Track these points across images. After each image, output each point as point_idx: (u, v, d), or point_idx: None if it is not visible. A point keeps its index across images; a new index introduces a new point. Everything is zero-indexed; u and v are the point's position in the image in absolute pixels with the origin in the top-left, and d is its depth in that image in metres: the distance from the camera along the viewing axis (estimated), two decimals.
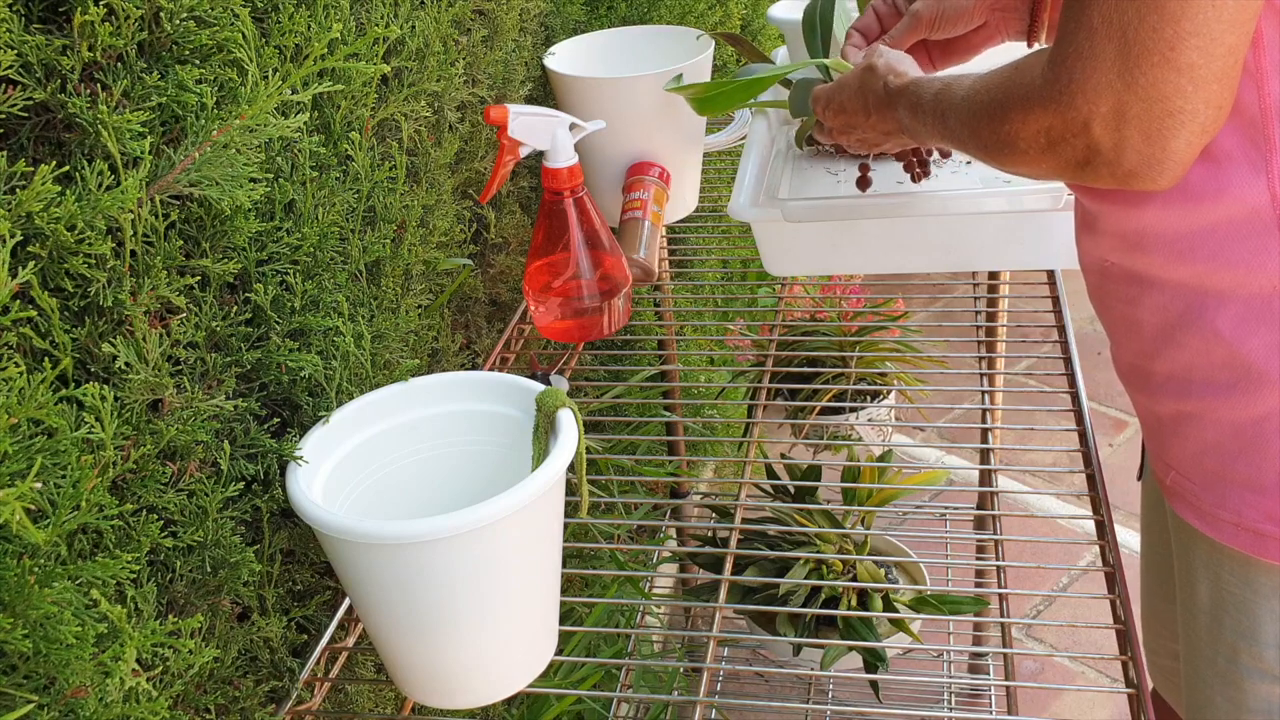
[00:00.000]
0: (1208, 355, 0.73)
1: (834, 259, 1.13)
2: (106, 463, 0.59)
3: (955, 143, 0.75)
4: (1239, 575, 0.77)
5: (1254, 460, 0.73)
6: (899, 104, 0.81)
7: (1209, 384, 0.73)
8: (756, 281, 1.92)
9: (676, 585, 1.93)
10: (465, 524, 0.66)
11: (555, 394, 0.77)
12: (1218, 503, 0.76)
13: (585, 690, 1.23)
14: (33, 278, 0.56)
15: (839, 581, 1.35)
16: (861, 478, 1.37)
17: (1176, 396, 0.76)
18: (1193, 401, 0.75)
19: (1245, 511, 0.74)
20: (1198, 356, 0.73)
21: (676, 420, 1.70)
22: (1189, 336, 0.73)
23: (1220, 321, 0.71)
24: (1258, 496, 0.73)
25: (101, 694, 0.57)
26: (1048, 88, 0.63)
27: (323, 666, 0.85)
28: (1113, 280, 0.79)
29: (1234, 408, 0.72)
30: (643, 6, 1.55)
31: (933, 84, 0.78)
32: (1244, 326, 0.70)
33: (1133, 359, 0.81)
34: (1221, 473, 0.75)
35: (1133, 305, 0.78)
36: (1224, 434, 0.74)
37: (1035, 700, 1.75)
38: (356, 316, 0.88)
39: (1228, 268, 0.69)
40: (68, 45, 0.59)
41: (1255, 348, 0.70)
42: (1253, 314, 0.69)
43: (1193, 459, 0.77)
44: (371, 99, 0.89)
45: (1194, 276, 0.71)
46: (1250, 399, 0.71)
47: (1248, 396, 0.71)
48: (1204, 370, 0.73)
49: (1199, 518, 0.78)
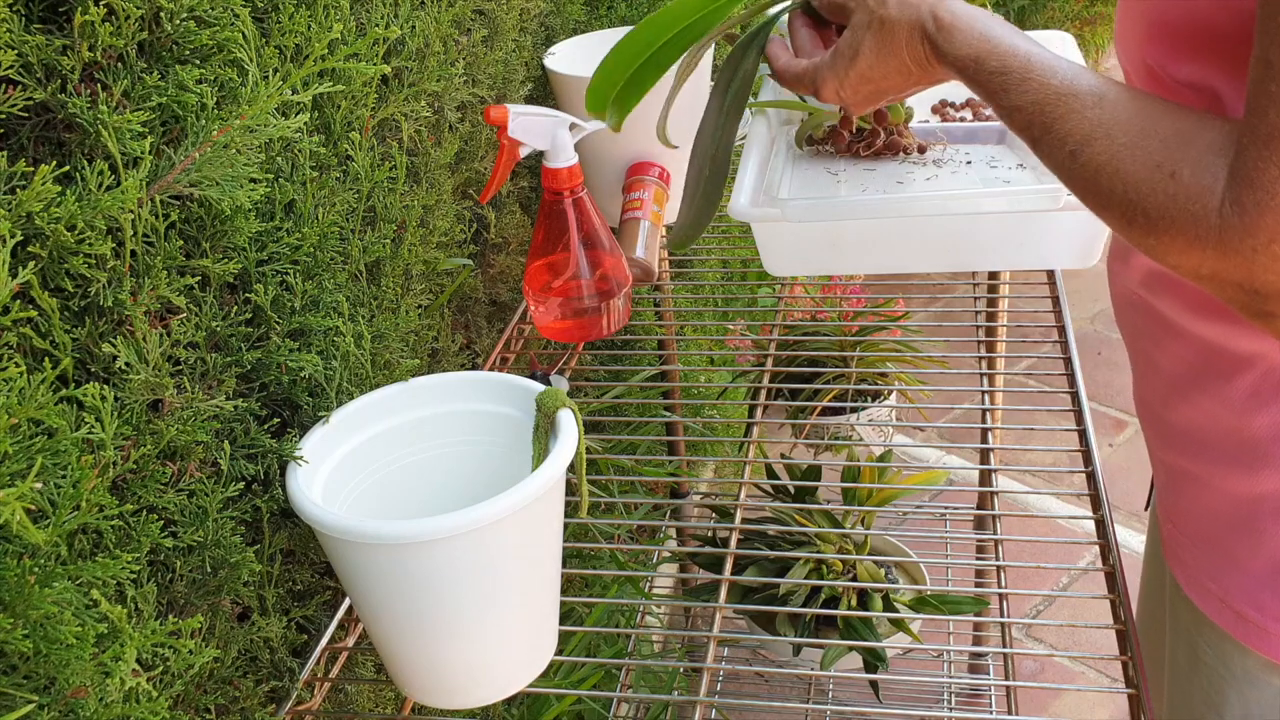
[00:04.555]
0: (1216, 420, 0.69)
1: (834, 259, 1.13)
2: (106, 463, 0.59)
3: (1050, 166, 0.60)
4: (1216, 649, 0.74)
5: (1246, 541, 0.69)
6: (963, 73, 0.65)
7: (1215, 450, 0.70)
8: (756, 281, 1.92)
9: (676, 585, 1.93)
10: (465, 524, 0.66)
11: (555, 394, 0.77)
12: (1208, 573, 0.73)
13: (585, 690, 1.23)
14: (33, 278, 0.56)
15: (839, 581, 1.35)
16: (861, 478, 1.37)
17: (1183, 453, 0.73)
18: (1198, 463, 0.72)
19: (1232, 590, 0.71)
20: (1208, 419, 0.69)
21: (676, 420, 1.70)
22: (1201, 396, 0.69)
23: (1233, 389, 0.67)
24: (1245, 579, 0.70)
25: (101, 694, 0.57)
26: (1228, 237, 0.51)
27: (323, 666, 0.85)
28: (1138, 313, 0.75)
29: (1235, 481, 0.69)
30: (643, 6, 1.55)
31: (1019, 59, 0.61)
32: (1256, 400, 0.66)
33: (1149, 399, 0.77)
34: (1216, 543, 0.72)
35: (1155, 345, 0.74)
36: (1223, 504, 0.70)
37: (1035, 700, 1.75)
38: (356, 316, 0.88)
39: (1250, 333, 0.65)
40: (68, 45, 0.59)
41: (1263, 425, 0.66)
42: (1268, 388, 0.65)
43: (1191, 520, 0.74)
44: (371, 99, 0.89)
45: (1216, 334, 0.67)
46: (1251, 477, 0.67)
47: (1249, 473, 0.67)
48: (1212, 434, 0.69)
49: (1188, 582, 0.75)
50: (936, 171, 1.14)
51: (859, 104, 0.75)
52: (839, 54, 0.73)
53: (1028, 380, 2.53)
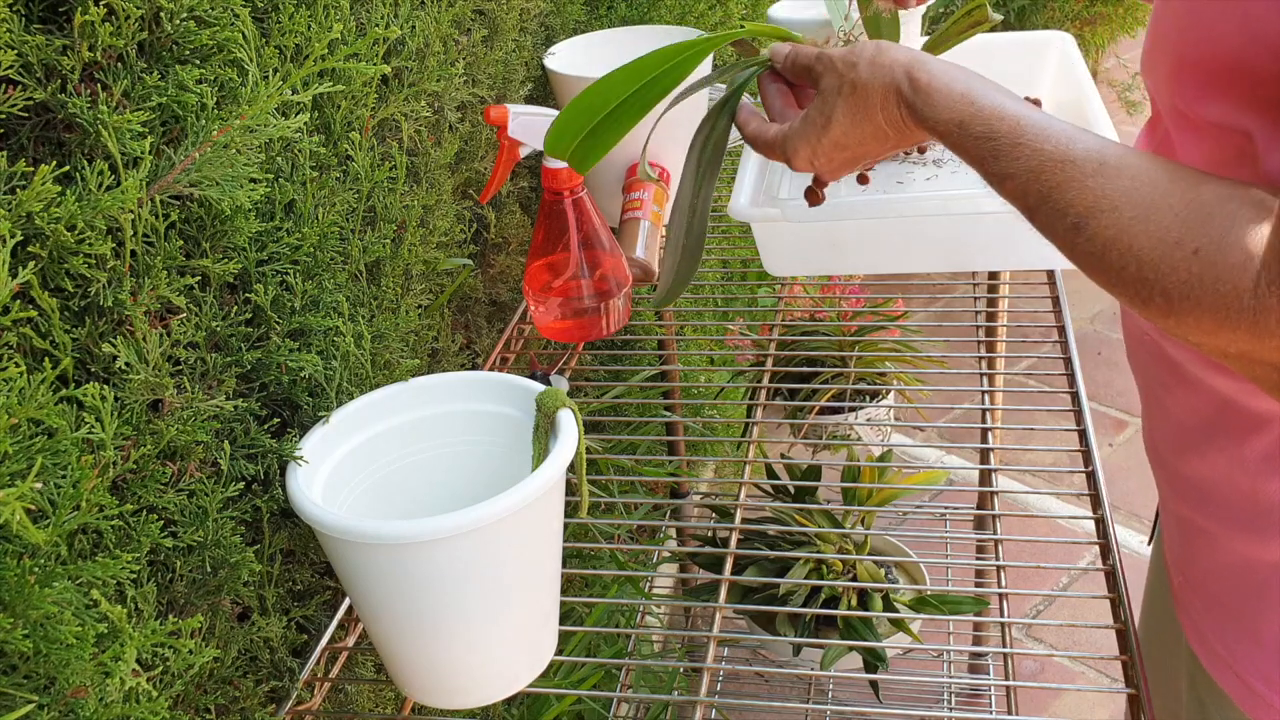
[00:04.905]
0: (1229, 480, 0.64)
1: (834, 259, 1.13)
2: (106, 463, 0.59)
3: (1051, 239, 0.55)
4: (1221, 711, 0.70)
5: (1259, 609, 0.64)
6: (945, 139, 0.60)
7: (1227, 509, 0.65)
8: (756, 281, 1.91)
9: (676, 585, 1.93)
10: (465, 524, 0.66)
11: (555, 394, 0.77)
12: (1216, 635, 0.68)
13: (585, 690, 1.23)
14: (33, 278, 0.56)
15: (839, 581, 1.35)
16: (861, 478, 1.37)
17: (1194, 507, 0.69)
18: (1210, 520, 0.67)
19: (1241, 658, 0.66)
20: (1220, 476, 0.64)
21: (676, 420, 1.70)
22: (1214, 451, 0.64)
23: (1248, 449, 0.61)
24: (1256, 650, 0.65)
25: (101, 694, 0.57)
26: (1264, 320, 0.46)
27: (323, 666, 0.85)
28: (1150, 356, 0.70)
29: (1248, 544, 0.64)
30: (643, 6, 1.55)
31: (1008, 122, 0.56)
32: (1271, 464, 0.61)
33: (1159, 444, 0.73)
34: (1226, 606, 0.67)
35: (1166, 392, 0.69)
36: (1235, 566, 0.65)
37: (1035, 700, 1.75)
38: (356, 316, 0.88)
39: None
40: (68, 45, 0.59)
41: (1276, 491, 0.61)
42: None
43: (1200, 574, 0.69)
44: (371, 99, 0.88)
45: (1231, 388, 0.62)
46: (1265, 543, 0.62)
47: (1263, 540, 0.63)
48: (1224, 493, 0.65)
49: (1198, 641, 0.71)
50: (936, 171, 1.14)
51: (834, 171, 0.71)
52: (810, 122, 0.67)
53: (1028, 380, 2.52)
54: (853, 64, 0.64)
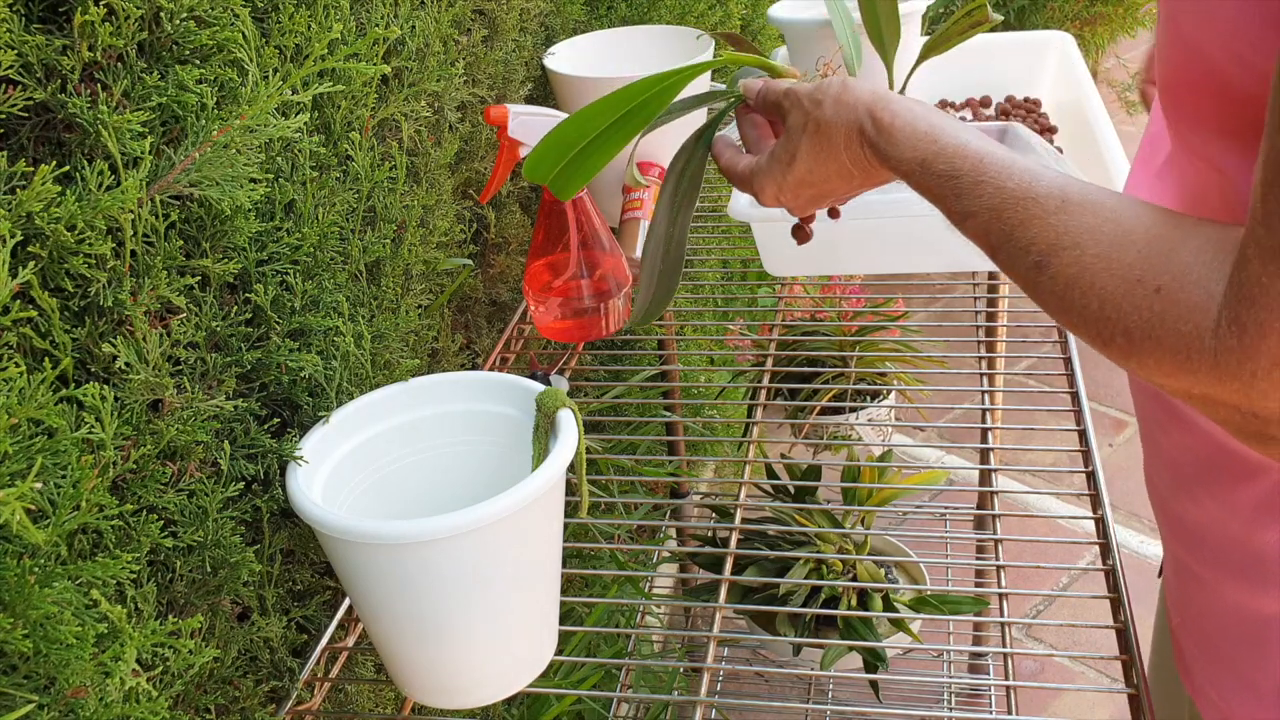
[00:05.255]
0: (1223, 526, 0.62)
1: (834, 259, 1.13)
2: (106, 463, 0.59)
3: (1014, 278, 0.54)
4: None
5: (1256, 659, 0.62)
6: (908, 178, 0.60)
7: (1221, 556, 0.63)
8: (756, 281, 1.92)
9: (676, 585, 1.93)
10: (465, 524, 0.66)
11: (555, 394, 0.77)
12: (1211, 682, 0.67)
13: (585, 690, 1.23)
14: (33, 278, 0.56)
15: (839, 581, 1.35)
16: (861, 478, 1.37)
17: (1189, 550, 0.67)
18: (1204, 566, 0.65)
19: (1237, 709, 0.64)
20: (1213, 522, 0.63)
21: (676, 420, 1.70)
22: (1207, 497, 0.62)
23: (1241, 496, 0.60)
24: (1254, 700, 0.63)
25: (101, 694, 0.57)
26: (1224, 361, 0.44)
27: (323, 666, 0.85)
28: (1143, 393, 0.68)
29: (1242, 593, 0.62)
30: (643, 6, 1.55)
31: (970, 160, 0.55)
32: (1266, 513, 0.59)
33: (1156, 483, 0.71)
34: (1220, 653, 0.65)
35: (1161, 431, 0.67)
36: (1229, 613, 0.64)
37: (1035, 700, 1.75)
38: (356, 316, 0.88)
39: None
40: (68, 45, 0.59)
41: (1270, 541, 0.59)
42: (1279, 502, 0.58)
43: (1195, 618, 0.68)
44: (371, 99, 0.89)
45: (1225, 433, 0.58)
46: (1259, 594, 0.61)
47: (1257, 590, 0.61)
48: (1218, 539, 0.63)
49: (1193, 686, 0.69)
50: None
51: (801, 208, 0.70)
52: (775, 159, 0.67)
53: (1028, 380, 2.52)
54: (818, 101, 0.64)
